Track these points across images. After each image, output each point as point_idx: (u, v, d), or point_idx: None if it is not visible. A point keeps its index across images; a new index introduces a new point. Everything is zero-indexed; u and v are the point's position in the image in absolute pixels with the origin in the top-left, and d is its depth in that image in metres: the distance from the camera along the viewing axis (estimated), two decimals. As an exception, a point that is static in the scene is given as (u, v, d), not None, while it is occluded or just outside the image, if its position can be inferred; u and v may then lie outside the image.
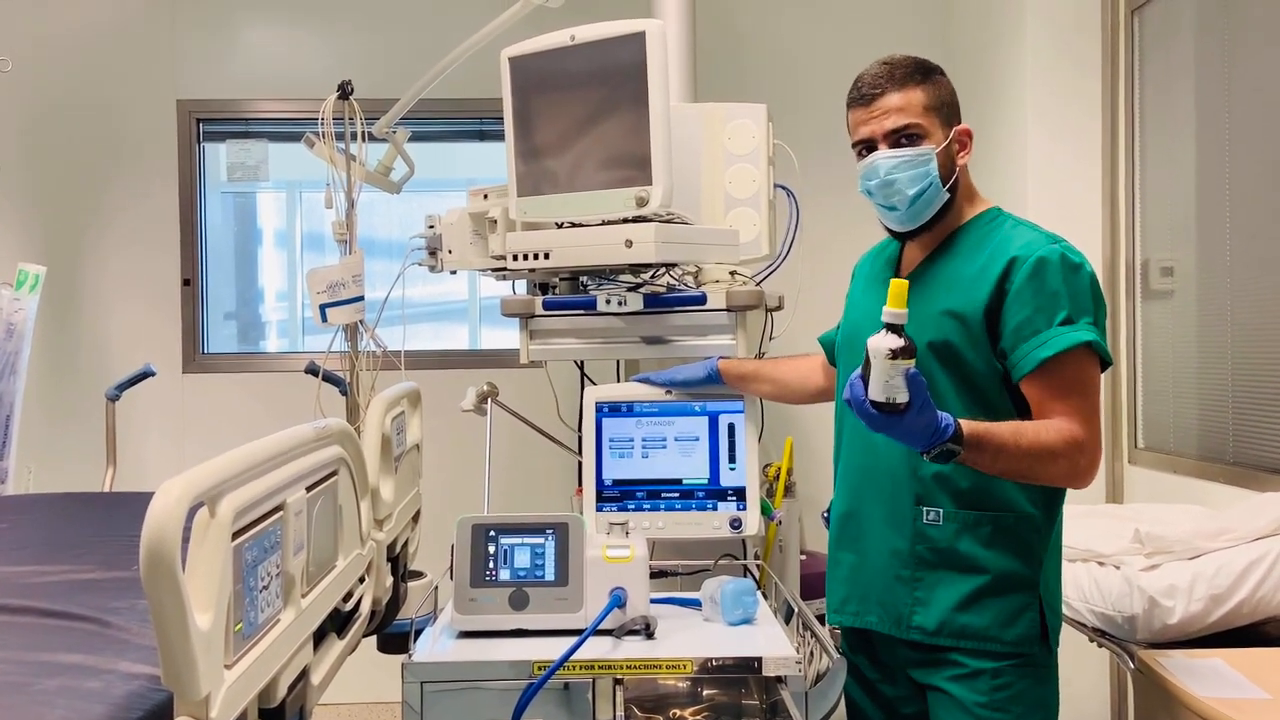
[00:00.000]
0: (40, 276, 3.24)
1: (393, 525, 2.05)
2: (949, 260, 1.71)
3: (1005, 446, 1.54)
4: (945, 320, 1.65)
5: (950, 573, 1.68)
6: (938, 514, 1.68)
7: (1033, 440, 1.56)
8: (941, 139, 1.66)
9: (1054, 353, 1.57)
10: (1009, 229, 1.70)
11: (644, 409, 2.09)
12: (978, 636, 1.66)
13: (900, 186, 1.66)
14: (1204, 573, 1.96)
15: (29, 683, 1.18)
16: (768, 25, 3.94)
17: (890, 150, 1.66)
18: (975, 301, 1.63)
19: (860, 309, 1.85)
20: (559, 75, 2.25)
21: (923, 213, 1.69)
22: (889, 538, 1.72)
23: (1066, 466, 1.58)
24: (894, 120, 1.65)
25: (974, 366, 1.64)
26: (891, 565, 1.72)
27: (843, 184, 3.44)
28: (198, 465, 1.10)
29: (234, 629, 1.16)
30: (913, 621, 1.70)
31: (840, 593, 1.81)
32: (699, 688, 1.87)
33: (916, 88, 1.66)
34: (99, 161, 3.95)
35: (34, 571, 1.68)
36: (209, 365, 4.02)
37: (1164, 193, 2.92)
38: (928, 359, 1.63)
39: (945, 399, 1.63)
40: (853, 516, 1.79)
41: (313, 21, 4.01)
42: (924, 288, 1.69)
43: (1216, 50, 2.67)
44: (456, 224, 2.72)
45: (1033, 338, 1.59)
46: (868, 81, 1.68)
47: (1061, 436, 1.56)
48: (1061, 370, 1.58)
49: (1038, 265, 1.60)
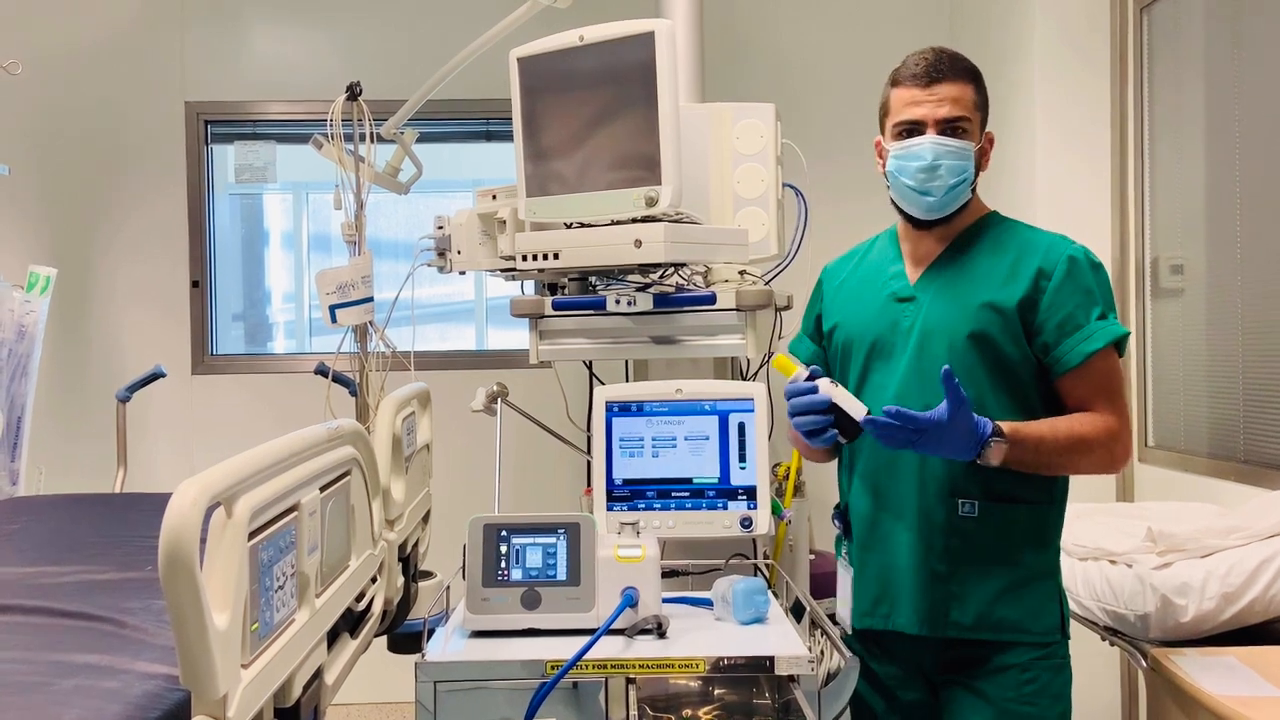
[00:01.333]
0: (51, 279, 3.25)
1: (404, 525, 2.06)
2: (977, 254, 1.74)
3: (1044, 440, 1.61)
4: (984, 312, 1.68)
5: (985, 565, 1.69)
6: (973, 505, 1.68)
7: (1068, 432, 1.62)
8: (978, 139, 1.70)
9: (1101, 345, 1.64)
10: (1023, 230, 1.77)
11: (654, 408, 2.09)
12: (1014, 629, 1.68)
13: (944, 174, 1.67)
14: (1216, 571, 1.95)
15: (46, 682, 1.18)
16: (775, 26, 3.94)
17: (939, 137, 1.67)
18: (1012, 295, 1.67)
19: (860, 320, 1.81)
20: (568, 75, 2.26)
21: (951, 204, 1.71)
22: (921, 534, 1.71)
23: (1104, 456, 1.65)
24: (949, 109, 1.67)
25: (1011, 357, 1.68)
26: (925, 562, 1.71)
27: (851, 182, 3.46)
28: (213, 466, 1.11)
29: (250, 629, 1.17)
30: (950, 617, 1.69)
31: (870, 594, 1.79)
32: (711, 687, 1.86)
33: (970, 84, 1.69)
34: (108, 163, 3.96)
35: (48, 572, 1.69)
36: (218, 367, 4.03)
37: (1173, 190, 2.91)
38: (967, 350, 1.68)
39: (982, 388, 1.67)
40: (877, 518, 1.77)
41: (320, 23, 4.01)
42: (956, 279, 1.72)
43: (1225, 47, 2.66)
44: (465, 225, 2.73)
45: (1076, 332, 1.65)
46: (929, 62, 1.68)
47: (1096, 427, 1.64)
48: (1101, 364, 1.66)
49: (1071, 264, 1.67)
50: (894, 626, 1.75)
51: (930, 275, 1.75)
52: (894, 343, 1.75)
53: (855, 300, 1.84)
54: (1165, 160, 2.95)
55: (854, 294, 1.85)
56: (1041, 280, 1.67)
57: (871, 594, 1.78)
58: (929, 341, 1.71)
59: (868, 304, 1.81)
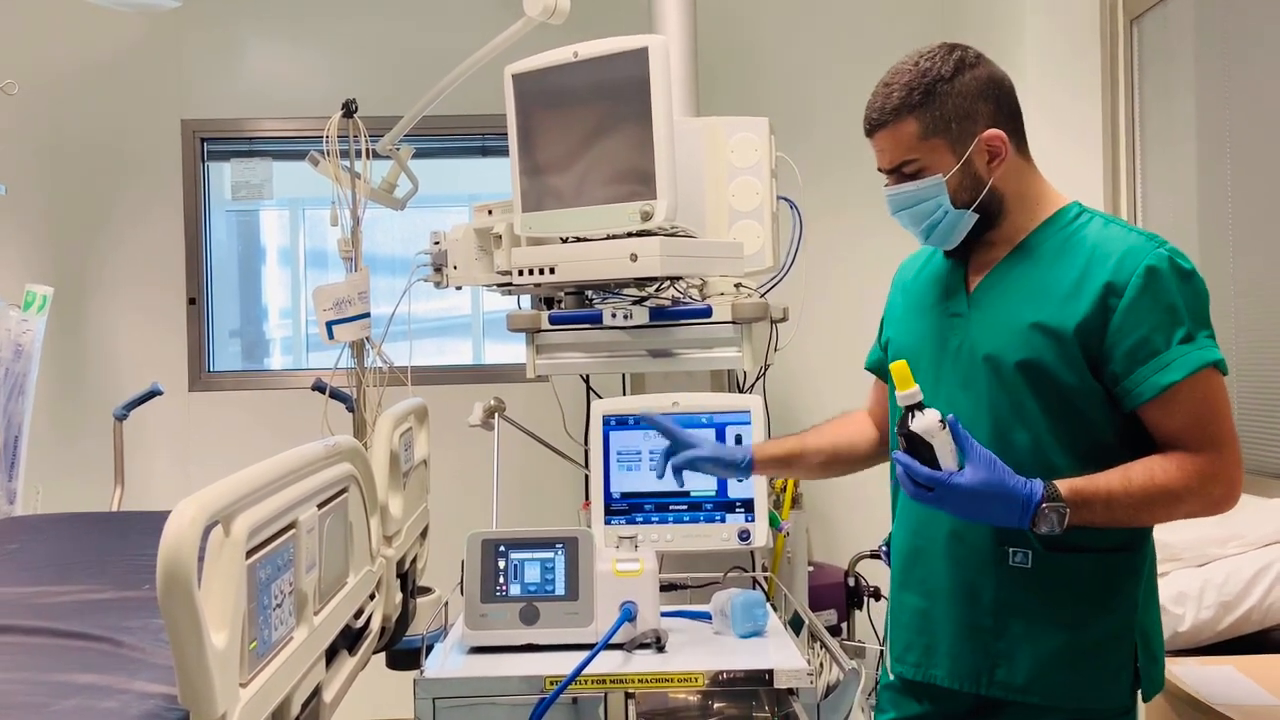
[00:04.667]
0: (48, 297, 3.25)
1: (402, 541, 2.06)
2: (1031, 266, 1.51)
3: (1115, 496, 1.39)
4: (1035, 335, 1.45)
5: (1040, 624, 1.47)
6: (1025, 555, 1.47)
7: (1145, 483, 1.39)
8: (952, 162, 1.48)
9: (1179, 378, 1.39)
10: (1099, 230, 1.49)
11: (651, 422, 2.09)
12: (1074, 696, 1.47)
13: (907, 222, 1.54)
14: (1213, 580, 1.96)
15: (45, 703, 1.18)
16: (769, 40, 3.95)
17: (895, 185, 1.53)
18: (1072, 316, 1.43)
19: (912, 332, 1.64)
20: (562, 91, 2.27)
21: (948, 238, 1.53)
22: (966, 581, 1.51)
23: (1199, 503, 1.42)
24: (890, 157, 1.52)
25: (1069, 386, 1.44)
26: (969, 613, 1.51)
27: (845, 195, 3.47)
28: (211, 484, 1.11)
29: (249, 647, 1.17)
30: (996, 676, 1.49)
31: (903, 640, 1.61)
32: (710, 701, 1.87)
33: (910, 116, 1.49)
34: (104, 181, 3.97)
35: (47, 592, 1.69)
36: (215, 384, 4.03)
37: (1166, 202, 2.92)
38: (1015, 380, 1.46)
39: (1038, 429, 1.46)
40: (919, 555, 1.58)
41: (316, 41, 4.03)
42: (1004, 296, 1.51)
43: (1216, 58, 2.68)
44: (462, 240, 2.73)
45: (1150, 360, 1.40)
46: (868, 112, 1.54)
47: (1185, 472, 1.40)
48: (1189, 395, 1.40)
49: (1148, 276, 1.41)
50: (927, 679, 1.57)
51: (984, 285, 1.54)
52: (940, 363, 1.56)
53: (911, 310, 1.66)
54: (1157, 171, 2.97)
55: (914, 302, 1.66)
56: (1110, 298, 1.41)
57: (904, 639, 1.60)
58: (975, 370, 1.51)
59: (923, 315, 1.62)
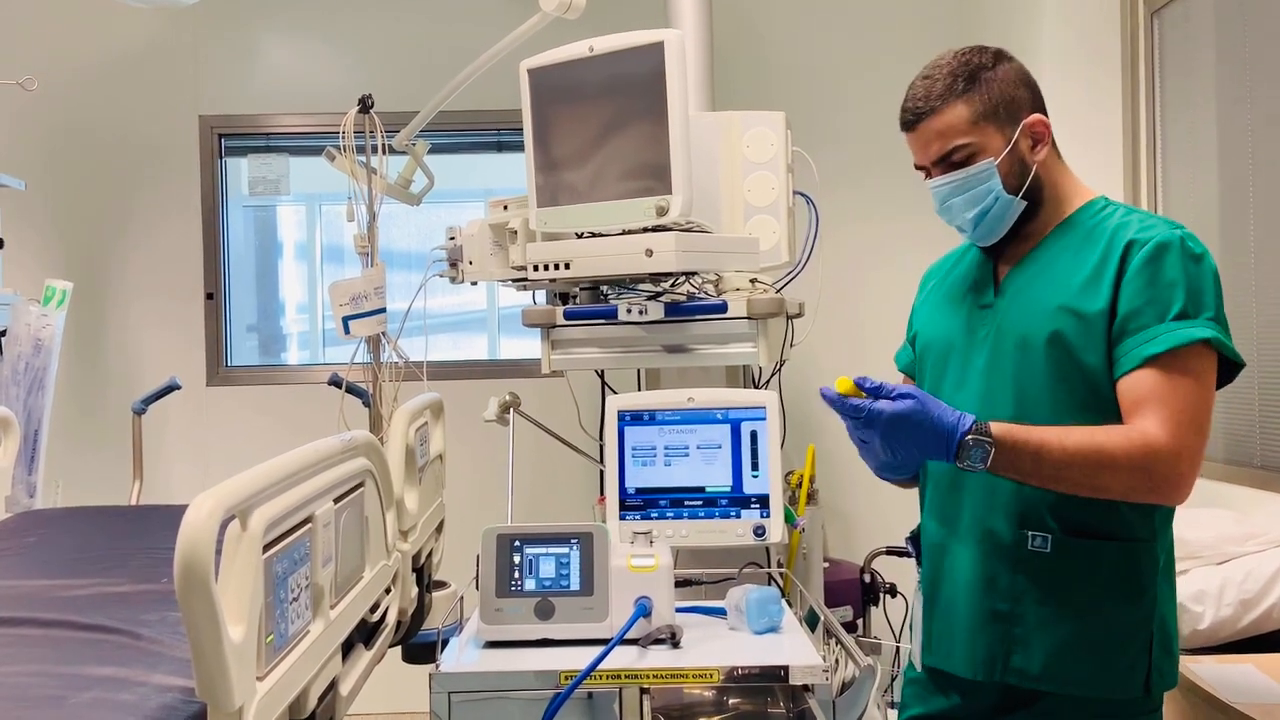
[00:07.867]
0: (68, 292, 3.27)
1: (417, 536, 2.06)
2: (1059, 251, 1.54)
3: (1047, 446, 1.38)
4: (1062, 315, 1.48)
5: (1057, 609, 1.48)
6: (1045, 539, 1.48)
7: (1083, 440, 1.38)
8: (1001, 145, 1.51)
9: (1162, 350, 1.39)
10: (1122, 217, 1.52)
11: (666, 417, 2.09)
12: (1086, 685, 1.47)
13: (959, 210, 1.54)
14: (1233, 578, 1.95)
15: (63, 695, 1.19)
16: (784, 34, 3.94)
17: (943, 175, 1.53)
18: (1098, 299, 1.46)
19: (941, 325, 1.68)
20: (578, 86, 2.26)
21: (996, 229, 1.55)
22: (983, 567, 1.54)
23: (1139, 477, 1.39)
24: (938, 146, 1.52)
25: (1091, 367, 1.46)
26: (985, 599, 1.53)
27: (861, 190, 3.46)
28: (229, 479, 1.11)
29: (265, 641, 1.17)
30: (1011, 663, 1.50)
31: (935, 629, 1.64)
32: (725, 697, 1.87)
33: (958, 101, 1.50)
34: (123, 178, 4.00)
35: (65, 584, 1.70)
36: (232, 378, 4.06)
37: (1187, 193, 2.90)
38: (1039, 355, 1.49)
39: (1041, 395, 1.48)
40: (945, 545, 1.61)
41: (332, 37, 4.04)
42: (1031, 283, 1.54)
43: (1237, 49, 2.65)
44: (477, 235, 2.74)
45: (1139, 332, 1.42)
46: (909, 104, 1.55)
47: (1129, 439, 1.38)
48: (1166, 369, 1.39)
49: (1155, 251, 1.43)
50: (948, 668, 1.60)
51: (1013, 275, 1.58)
52: (969, 353, 1.59)
53: (939, 308, 1.70)
54: (1178, 163, 2.94)
55: (942, 300, 1.70)
56: (1122, 274, 1.44)
57: (935, 629, 1.63)
58: (1001, 354, 1.54)
59: (952, 311, 1.66)
